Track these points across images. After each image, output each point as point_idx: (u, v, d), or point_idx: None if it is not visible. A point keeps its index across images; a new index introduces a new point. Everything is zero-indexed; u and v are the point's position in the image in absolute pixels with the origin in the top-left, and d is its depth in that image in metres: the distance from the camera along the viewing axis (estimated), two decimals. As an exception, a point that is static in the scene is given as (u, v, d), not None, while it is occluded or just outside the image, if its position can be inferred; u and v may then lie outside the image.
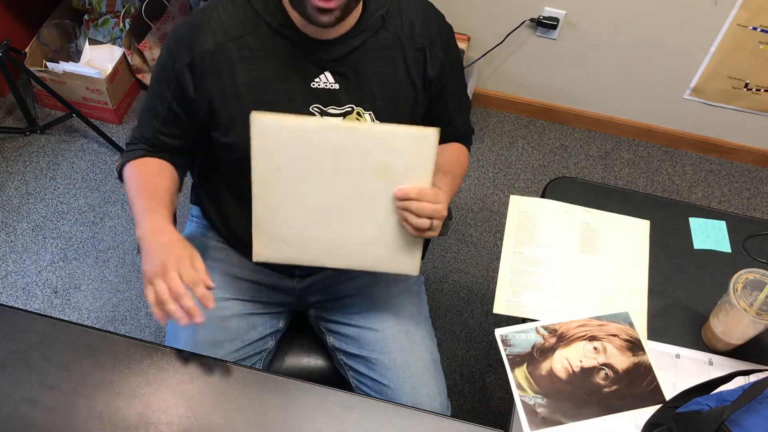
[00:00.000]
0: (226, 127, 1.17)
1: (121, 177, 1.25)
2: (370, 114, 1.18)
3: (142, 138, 1.24)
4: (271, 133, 1.05)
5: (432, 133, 1.04)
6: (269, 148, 1.06)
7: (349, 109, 1.17)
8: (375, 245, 1.13)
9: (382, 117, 1.19)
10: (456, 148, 1.35)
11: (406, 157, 1.05)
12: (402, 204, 1.07)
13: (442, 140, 1.32)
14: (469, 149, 1.39)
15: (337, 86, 1.15)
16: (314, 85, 1.14)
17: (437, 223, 1.09)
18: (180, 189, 1.26)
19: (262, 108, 1.15)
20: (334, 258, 1.15)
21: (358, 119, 1.18)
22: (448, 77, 1.23)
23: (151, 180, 1.20)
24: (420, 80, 1.19)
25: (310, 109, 1.16)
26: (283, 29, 1.11)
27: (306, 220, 1.11)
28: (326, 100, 1.16)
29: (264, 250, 1.15)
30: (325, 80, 1.15)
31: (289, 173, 1.07)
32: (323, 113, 1.16)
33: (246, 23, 1.12)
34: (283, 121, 1.04)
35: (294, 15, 1.10)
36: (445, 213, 1.10)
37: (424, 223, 1.07)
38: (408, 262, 1.15)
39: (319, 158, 1.06)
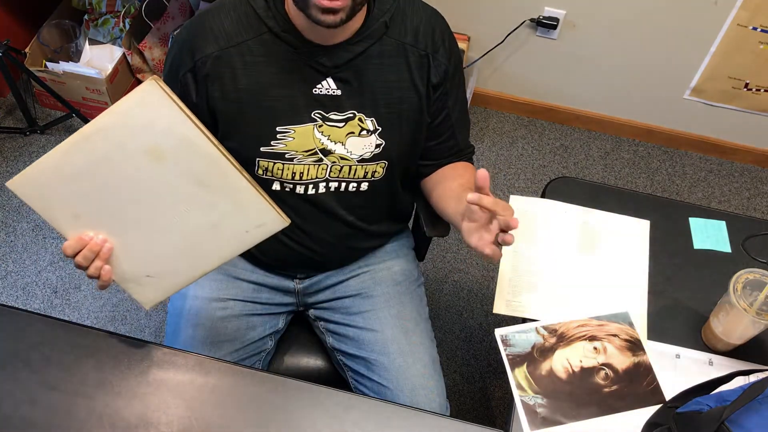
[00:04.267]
0: (227, 132, 1.17)
1: None
2: (372, 120, 1.17)
3: None
4: (35, 189, 0.95)
5: (149, 83, 0.89)
6: (46, 202, 0.97)
7: (351, 115, 1.16)
8: (225, 228, 1.01)
9: (385, 124, 1.18)
10: (472, 170, 1.31)
11: (153, 125, 0.92)
12: (506, 221, 1.04)
13: (444, 157, 1.30)
14: None
15: (339, 92, 1.14)
16: (316, 91, 1.14)
17: None
18: None
19: (264, 113, 1.14)
20: (208, 259, 1.04)
21: (360, 125, 1.17)
22: (450, 86, 1.22)
23: None
24: (424, 87, 1.18)
25: (312, 115, 1.15)
26: (285, 35, 1.10)
27: (145, 245, 1.02)
28: (328, 106, 1.15)
29: (146, 296, 1.07)
30: (328, 86, 1.14)
31: (88, 213, 0.98)
32: (325, 119, 1.16)
33: (248, 28, 1.11)
34: (36, 168, 0.94)
35: (297, 20, 1.09)
36: None
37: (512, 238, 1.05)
38: (270, 218, 1.01)
39: (96, 179, 0.95)
